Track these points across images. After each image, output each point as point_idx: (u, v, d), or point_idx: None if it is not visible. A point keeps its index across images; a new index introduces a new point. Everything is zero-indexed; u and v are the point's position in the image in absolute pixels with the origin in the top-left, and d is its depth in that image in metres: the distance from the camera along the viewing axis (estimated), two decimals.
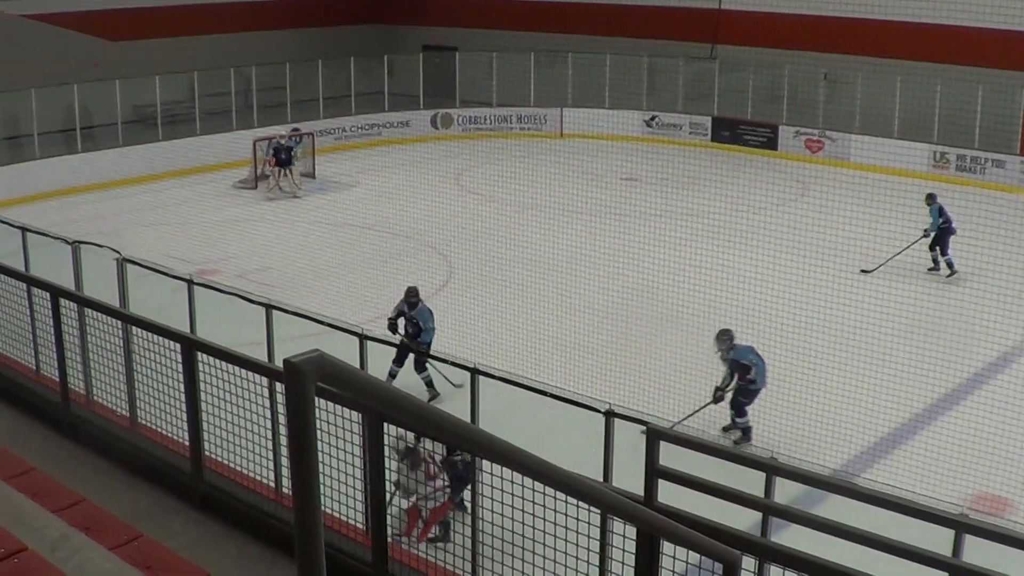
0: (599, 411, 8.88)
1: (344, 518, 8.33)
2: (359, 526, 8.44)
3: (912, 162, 34.30)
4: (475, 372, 9.74)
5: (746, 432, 17.39)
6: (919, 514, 6.88)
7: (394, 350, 17.46)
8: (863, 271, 24.23)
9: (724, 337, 17.71)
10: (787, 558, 6.96)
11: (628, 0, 44.04)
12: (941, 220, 24.67)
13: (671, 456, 7.49)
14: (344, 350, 10.25)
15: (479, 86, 45.56)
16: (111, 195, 34.62)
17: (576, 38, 44.72)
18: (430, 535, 11.69)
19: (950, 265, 24.83)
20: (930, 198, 25.05)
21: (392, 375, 18.55)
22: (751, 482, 7.57)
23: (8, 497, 6.87)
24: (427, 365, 18.40)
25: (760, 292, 21.81)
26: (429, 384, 18.50)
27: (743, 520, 7.66)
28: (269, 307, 12.25)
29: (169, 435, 9.83)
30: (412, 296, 19.00)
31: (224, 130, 39.31)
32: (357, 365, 10.16)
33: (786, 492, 8.02)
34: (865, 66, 37.25)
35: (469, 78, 46.07)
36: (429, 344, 18.67)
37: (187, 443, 9.40)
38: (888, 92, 36.54)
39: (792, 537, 7.55)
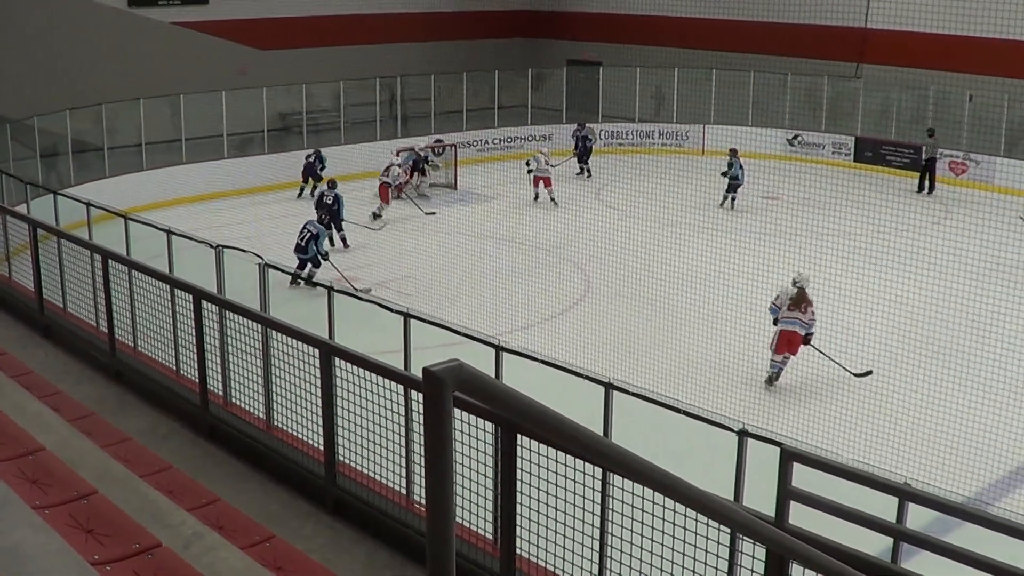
0: (732, 430, 8.80)
1: (472, 527, 8.34)
2: (488, 536, 8.45)
3: None
4: (609, 387, 9.71)
5: None
6: None
7: (531, 363, 17.45)
8: None
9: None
10: None
11: (772, 18, 43.64)
12: None
13: (800, 477, 7.41)
14: (479, 361, 10.30)
15: (622, 101, 45.57)
16: (255, 201, 35.16)
17: (720, 55, 44.46)
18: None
19: None
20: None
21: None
22: (882, 506, 7.46)
23: (145, 494, 6.99)
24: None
25: (899, 314, 21.53)
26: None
27: (870, 544, 7.54)
28: (407, 316, 12.32)
29: (304, 439, 9.93)
30: None
31: (368, 139, 39.66)
32: (493, 376, 10.17)
33: (918, 519, 7.87)
34: (1012, 88, 36.57)
35: (612, 93, 46.19)
36: None
37: (321, 448, 9.48)
38: None
39: (923, 564, 7.42)
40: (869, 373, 20.44)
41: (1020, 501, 15.08)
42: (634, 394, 9.59)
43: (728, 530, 6.97)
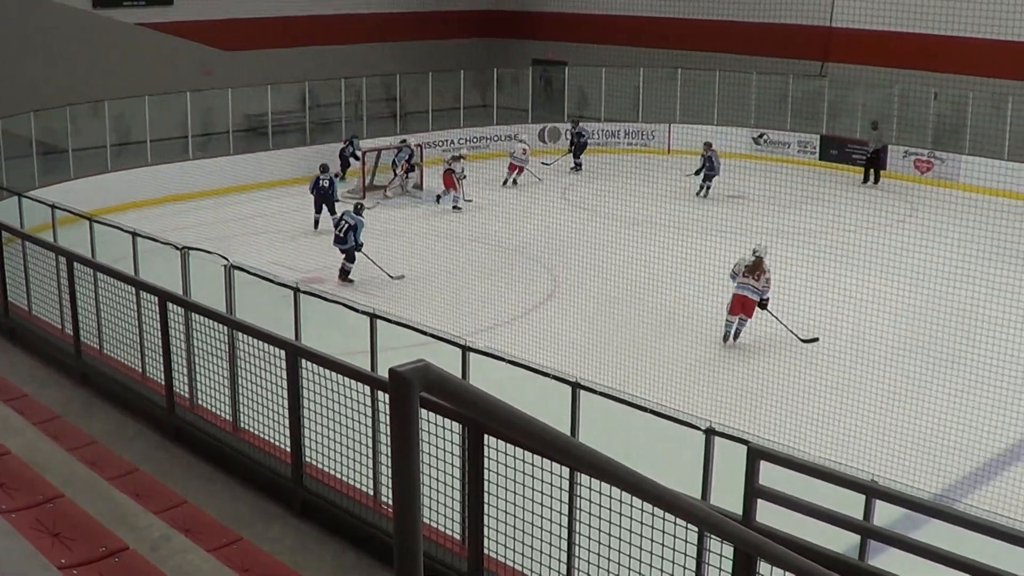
0: (699, 428, 8.81)
1: (440, 527, 8.35)
2: (455, 536, 8.45)
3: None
4: (576, 386, 9.71)
5: None
6: (1020, 541, 6.77)
7: (498, 363, 17.44)
8: None
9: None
10: None
11: (738, 17, 43.72)
12: None
13: (768, 475, 7.44)
14: (446, 361, 10.30)
15: (587, 101, 45.64)
16: (221, 202, 35.00)
17: (685, 54, 44.45)
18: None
19: None
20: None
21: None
22: (850, 504, 7.50)
23: (111, 497, 6.96)
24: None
25: (865, 312, 21.60)
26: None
27: (838, 542, 7.57)
28: (373, 316, 12.29)
29: (271, 441, 9.91)
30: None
31: (334, 140, 39.52)
32: (459, 376, 10.07)
33: (886, 516, 7.91)
34: (977, 86, 36.70)
35: (577, 93, 46.31)
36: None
37: (288, 449, 9.47)
38: (999, 113, 36.07)
39: (891, 561, 7.46)
40: (816, 340, 21.30)
41: (986, 497, 15.13)
42: (601, 393, 9.60)
43: (696, 528, 6.99)
